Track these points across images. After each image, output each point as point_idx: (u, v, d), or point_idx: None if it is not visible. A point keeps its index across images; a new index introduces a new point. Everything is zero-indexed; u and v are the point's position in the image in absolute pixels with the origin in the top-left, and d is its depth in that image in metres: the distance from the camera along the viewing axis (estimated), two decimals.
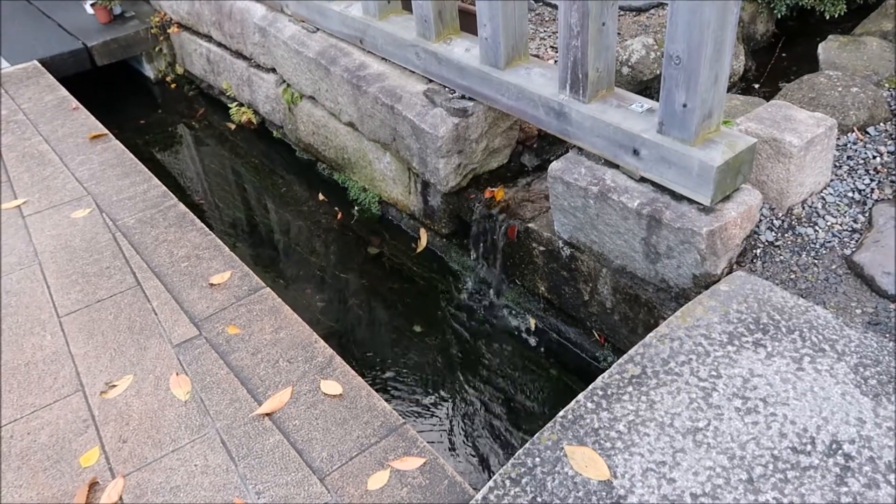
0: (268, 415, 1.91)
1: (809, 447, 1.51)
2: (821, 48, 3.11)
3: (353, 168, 3.42)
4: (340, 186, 3.60)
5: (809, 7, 3.53)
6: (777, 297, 1.89)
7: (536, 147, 2.92)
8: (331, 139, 3.48)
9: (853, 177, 2.39)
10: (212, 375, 2.04)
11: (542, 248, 2.54)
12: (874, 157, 2.45)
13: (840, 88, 2.62)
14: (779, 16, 3.66)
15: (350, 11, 3.06)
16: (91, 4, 4.70)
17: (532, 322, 2.78)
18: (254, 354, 2.11)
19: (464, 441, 2.42)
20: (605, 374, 1.73)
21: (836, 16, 3.45)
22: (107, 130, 3.41)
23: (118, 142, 3.32)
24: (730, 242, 2.02)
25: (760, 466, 1.49)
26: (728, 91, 2.06)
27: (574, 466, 1.53)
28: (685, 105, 1.91)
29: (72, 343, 2.19)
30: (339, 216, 3.49)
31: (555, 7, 3.61)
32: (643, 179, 2.14)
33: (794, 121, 2.21)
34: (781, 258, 2.16)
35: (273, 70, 3.79)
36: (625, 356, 1.77)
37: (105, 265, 2.51)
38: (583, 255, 2.39)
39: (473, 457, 2.37)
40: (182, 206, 2.81)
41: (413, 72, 2.91)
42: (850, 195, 2.32)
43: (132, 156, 3.19)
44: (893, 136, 2.53)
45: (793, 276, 2.10)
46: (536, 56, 3.07)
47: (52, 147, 3.30)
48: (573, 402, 1.68)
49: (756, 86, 3.48)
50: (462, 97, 2.69)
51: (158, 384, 2.03)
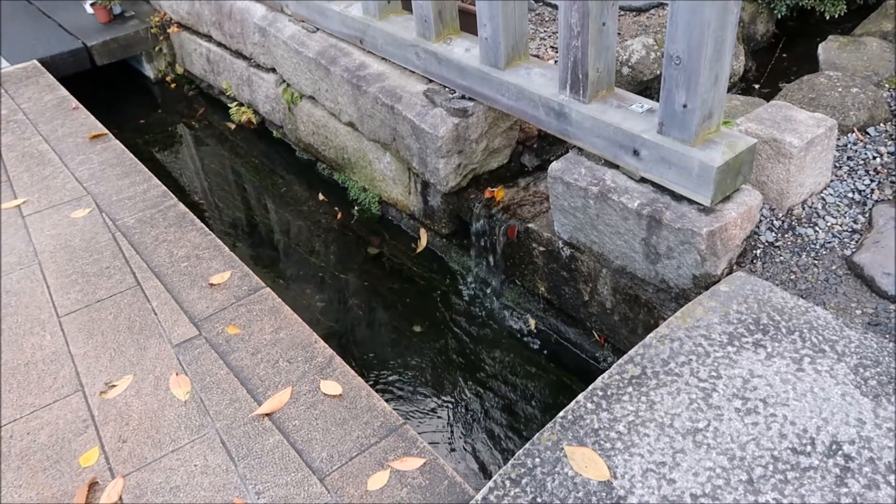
0: (268, 415, 1.91)
1: (809, 448, 1.51)
2: (821, 48, 3.11)
3: (353, 168, 3.42)
4: (340, 186, 3.60)
5: (809, 7, 3.53)
6: (777, 298, 1.89)
7: (536, 147, 2.92)
8: (331, 139, 3.48)
9: (853, 177, 2.39)
10: (212, 375, 2.04)
11: (542, 249, 2.54)
12: (874, 158, 2.45)
13: (840, 89, 2.62)
14: (779, 16, 3.66)
15: (350, 11, 3.06)
16: (91, 4, 4.70)
17: (532, 322, 2.78)
18: (254, 354, 2.11)
19: (463, 441, 2.42)
20: (605, 375, 1.73)
21: (836, 16, 3.45)
22: (106, 130, 3.41)
23: (118, 141, 3.32)
24: (730, 243, 2.02)
25: (760, 467, 1.49)
26: (728, 91, 2.06)
27: (574, 467, 1.53)
28: (685, 105, 1.91)
29: (71, 343, 2.19)
30: (339, 216, 3.49)
31: (555, 7, 3.61)
32: (643, 180, 2.14)
33: (795, 121, 2.21)
34: (781, 259, 2.16)
35: (273, 70, 3.79)
36: (625, 357, 1.77)
37: (105, 265, 2.51)
38: (583, 256, 2.39)
39: (473, 457, 2.37)
40: (182, 206, 2.80)
41: (413, 72, 2.91)
42: (851, 196, 2.32)
43: (132, 155, 3.19)
44: (893, 137, 2.53)
45: (793, 277, 2.10)
46: (536, 56, 3.07)
47: (52, 147, 3.30)
48: (573, 403, 1.68)
49: (756, 86, 3.48)
50: (462, 97, 2.69)
51: (158, 384, 2.03)
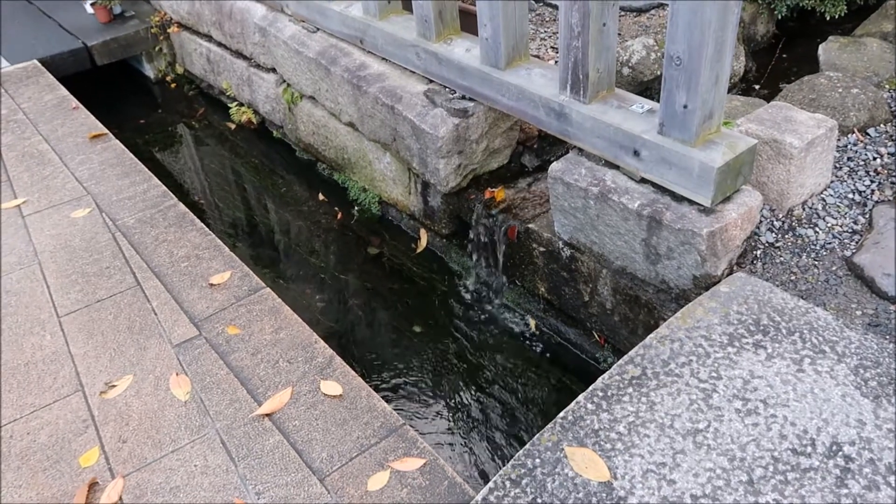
0: (268, 415, 1.91)
1: (809, 449, 1.51)
2: (821, 49, 3.11)
3: (353, 168, 3.42)
4: (340, 186, 3.60)
5: (810, 8, 3.53)
6: (777, 299, 1.89)
7: (537, 148, 2.92)
8: (331, 139, 3.47)
9: (853, 178, 2.39)
10: (212, 376, 2.04)
11: (543, 249, 2.54)
12: (874, 159, 2.45)
13: (840, 90, 2.62)
14: (779, 17, 3.65)
15: (350, 11, 3.06)
16: (91, 4, 4.70)
17: (532, 323, 2.78)
18: (254, 355, 2.11)
19: (463, 441, 2.42)
20: (606, 376, 1.73)
21: (837, 17, 3.45)
22: (107, 130, 3.41)
23: (118, 141, 3.32)
24: (730, 244, 2.02)
25: (761, 468, 1.49)
26: (728, 92, 2.06)
27: (574, 467, 1.53)
28: (686, 106, 1.91)
29: (71, 343, 2.19)
30: (339, 216, 3.49)
31: (555, 7, 3.61)
32: (643, 180, 2.14)
33: (795, 122, 2.21)
34: (782, 259, 2.16)
35: (273, 70, 3.78)
36: (625, 357, 1.77)
37: (105, 265, 2.51)
38: (583, 256, 2.39)
39: (473, 457, 2.37)
40: (182, 206, 2.80)
41: (413, 72, 2.91)
42: (851, 196, 2.32)
43: (132, 155, 3.19)
44: (894, 138, 2.53)
45: (793, 278, 2.10)
46: (537, 56, 3.06)
47: (52, 146, 3.30)
48: (573, 403, 1.68)
49: (756, 87, 3.48)
50: (462, 97, 2.69)
51: (158, 384, 2.03)
